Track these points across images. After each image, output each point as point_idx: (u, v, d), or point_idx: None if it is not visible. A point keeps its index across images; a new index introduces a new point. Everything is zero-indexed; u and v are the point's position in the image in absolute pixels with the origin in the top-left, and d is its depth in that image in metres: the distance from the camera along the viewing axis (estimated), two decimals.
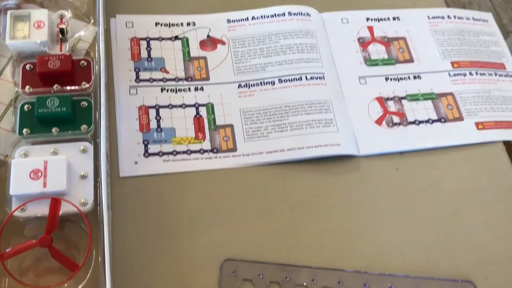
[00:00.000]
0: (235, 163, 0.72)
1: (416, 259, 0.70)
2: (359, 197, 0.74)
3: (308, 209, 0.71)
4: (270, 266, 0.66)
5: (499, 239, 0.74)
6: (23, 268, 0.59)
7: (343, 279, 0.67)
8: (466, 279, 0.69)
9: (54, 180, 0.59)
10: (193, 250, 0.66)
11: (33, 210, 0.58)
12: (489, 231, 0.74)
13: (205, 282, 0.64)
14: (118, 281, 0.61)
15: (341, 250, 0.69)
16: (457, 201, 0.76)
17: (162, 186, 0.69)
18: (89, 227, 0.57)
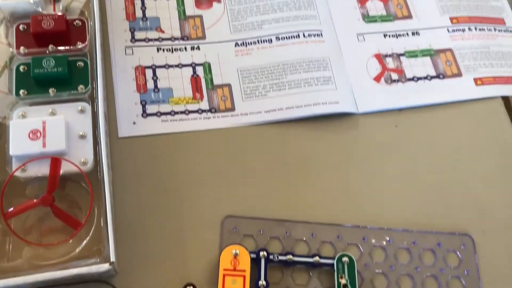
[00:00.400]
0: (233, 122, 0.72)
1: (414, 213, 0.71)
2: (358, 154, 0.74)
3: (307, 166, 0.72)
4: (270, 222, 0.67)
5: (497, 193, 0.75)
6: (27, 228, 0.60)
7: (342, 233, 0.68)
8: (463, 233, 0.71)
9: (53, 140, 0.59)
10: (194, 208, 0.66)
11: (34, 170, 0.58)
12: (486, 186, 0.75)
13: (207, 239, 0.65)
14: (121, 239, 0.62)
15: (340, 206, 0.70)
16: (455, 156, 0.76)
17: (161, 146, 0.69)
18: (90, 186, 0.58)
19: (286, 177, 0.71)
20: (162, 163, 0.68)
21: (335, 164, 0.73)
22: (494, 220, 0.72)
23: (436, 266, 0.68)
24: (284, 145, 0.73)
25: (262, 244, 0.65)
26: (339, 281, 0.62)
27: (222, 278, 0.60)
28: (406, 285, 0.66)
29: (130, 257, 0.62)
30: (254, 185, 0.69)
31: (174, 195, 0.67)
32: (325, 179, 0.72)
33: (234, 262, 0.61)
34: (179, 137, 0.70)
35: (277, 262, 0.64)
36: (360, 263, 0.66)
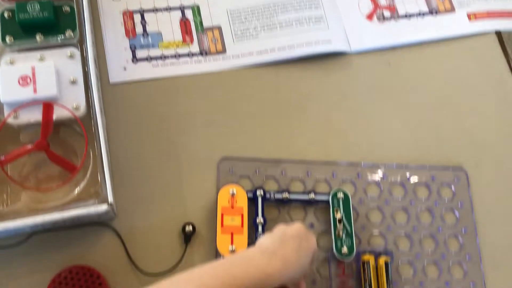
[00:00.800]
0: (225, 65, 0.71)
1: (408, 149, 0.72)
2: (352, 93, 0.74)
3: (301, 107, 0.72)
4: (265, 162, 0.67)
5: (490, 127, 0.75)
6: (24, 176, 0.60)
7: (337, 171, 0.68)
8: (457, 166, 0.71)
9: (44, 85, 0.58)
10: (189, 151, 0.67)
11: (26, 116, 0.58)
12: (480, 120, 0.75)
13: (204, 180, 0.65)
14: (118, 183, 0.62)
15: (334, 144, 0.70)
16: (449, 91, 0.76)
17: (153, 91, 0.69)
18: (83, 129, 0.58)
19: (280, 118, 0.71)
20: (155, 107, 0.68)
21: (329, 103, 0.73)
22: (487, 153, 0.73)
23: (430, 199, 0.69)
24: (277, 87, 0.72)
25: (258, 184, 0.66)
26: (334, 216, 0.63)
27: (220, 216, 0.61)
28: (400, 219, 0.67)
29: (128, 200, 0.63)
30: (249, 127, 0.69)
31: (169, 139, 0.67)
32: (319, 118, 0.72)
33: (232, 201, 0.62)
34: (171, 81, 0.69)
35: (273, 201, 0.64)
36: (355, 199, 0.67)
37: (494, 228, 0.69)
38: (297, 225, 0.54)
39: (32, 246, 0.58)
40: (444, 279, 0.65)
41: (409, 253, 0.66)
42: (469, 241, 0.67)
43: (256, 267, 0.47)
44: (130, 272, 0.59)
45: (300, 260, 0.51)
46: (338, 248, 0.62)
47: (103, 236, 0.60)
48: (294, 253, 0.50)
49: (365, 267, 0.62)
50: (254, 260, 0.48)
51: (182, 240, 0.61)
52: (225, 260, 0.49)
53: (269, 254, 0.49)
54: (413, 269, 0.65)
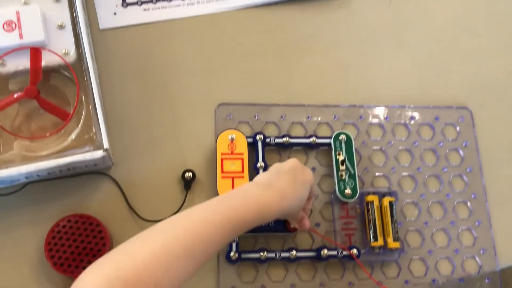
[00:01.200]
0: (219, 7, 0.68)
1: (411, 89, 0.69)
2: (352, 33, 0.71)
3: (300, 49, 0.69)
4: (264, 107, 0.65)
5: (494, 65, 0.73)
6: (16, 126, 0.58)
7: (339, 114, 0.66)
8: (462, 106, 0.70)
9: (30, 30, 0.56)
10: (185, 97, 0.64)
11: (14, 63, 0.56)
12: (484, 58, 0.73)
13: (201, 127, 0.63)
14: (113, 131, 0.60)
15: (335, 87, 0.68)
16: (451, 30, 0.73)
17: (146, 36, 0.66)
18: (74, 75, 0.55)
19: (279, 61, 0.68)
20: (148, 53, 0.65)
21: (329, 45, 0.70)
22: (492, 92, 0.71)
23: (434, 140, 0.67)
24: (274, 28, 0.69)
25: (258, 129, 0.64)
26: (336, 158, 0.62)
27: (220, 161, 0.59)
28: (404, 160, 0.66)
29: (126, 148, 0.61)
30: (246, 71, 0.67)
31: (164, 85, 0.64)
32: (319, 60, 0.69)
33: (231, 146, 0.60)
34: (163, 26, 0.67)
35: (274, 145, 0.63)
36: (358, 142, 0.65)
37: (499, 166, 0.68)
38: (291, 160, 0.53)
39: (29, 196, 0.57)
40: (450, 218, 0.64)
41: (414, 194, 0.64)
42: (474, 180, 0.66)
43: (255, 198, 0.46)
44: (130, 220, 0.58)
45: (297, 191, 0.50)
46: (341, 190, 0.61)
47: (101, 185, 0.59)
48: (290, 185, 0.49)
49: (369, 207, 0.61)
50: (252, 192, 0.47)
51: (182, 187, 0.60)
52: (224, 195, 0.48)
53: (265, 186, 0.48)
54: (417, 210, 0.64)
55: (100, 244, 0.55)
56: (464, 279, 0.63)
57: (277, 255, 0.58)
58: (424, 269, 0.62)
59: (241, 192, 0.47)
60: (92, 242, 0.54)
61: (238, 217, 0.44)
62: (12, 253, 0.55)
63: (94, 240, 0.55)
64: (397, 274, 0.61)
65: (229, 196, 0.47)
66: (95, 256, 0.54)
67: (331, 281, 0.59)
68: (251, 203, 0.46)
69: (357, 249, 0.59)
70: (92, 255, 0.54)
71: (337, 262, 0.60)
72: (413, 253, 0.62)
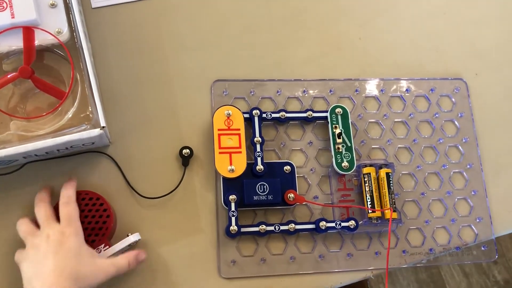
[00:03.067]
0: None
1: (406, 62, 0.69)
2: (345, 7, 0.71)
3: (295, 23, 0.69)
4: (260, 83, 0.65)
5: (488, 35, 0.73)
6: (12, 107, 0.58)
7: (334, 87, 0.67)
8: (456, 77, 0.70)
9: (22, 9, 0.55)
10: (180, 74, 0.64)
11: (7, 43, 0.55)
12: (478, 29, 0.73)
13: (197, 103, 0.63)
14: (110, 109, 0.60)
15: (330, 61, 0.68)
16: (445, 1, 0.73)
17: (139, 13, 0.65)
18: (68, 53, 0.55)
19: (273, 36, 0.68)
20: (142, 31, 0.65)
21: (323, 19, 0.70)
22: (486, 62, 0.71)
23: (430, 111, 0.68)
24: (268, 3, 0.69)
25: (254, 104, 0.64)
26: (333, 131, 0.62)
27: (217, 137, 0.59)
28: (400, 132, 0.66)
29: (122, 126, 0.61)
30: (241, 47, 0.67)
31: (158, 63, 0.64)
32: (314, 35, 0.69)
33: (228, 122, 0.61)
34: (156, 2, 0.66)
35: (270, 120, 0.63)
36: (354, 115, 0.66)
37: (494, 136, 0.68)
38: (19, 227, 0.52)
39: (28, 175, 0.57)
40: (446, 188, 0.65)
41: (410, 165, 0.65)
42: (469, 150, 0.67)
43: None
44: (129, 197, 0.59)
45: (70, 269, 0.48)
46: (338, 163, 0.61)
47: (99, 164, 0.59)
48: (54, 269, 0.47)
49: (366, 179, 0.61)
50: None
51: (180, 163, 0.60)
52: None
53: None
54: (414, 180, 0.65)
55: (104, 216, 0.55)
56: (461, 247, 0.64)
57: (276, 228, 0.58)
58: (422, 239, 0.63)
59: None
60: (96, 215, 0.55)
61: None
62: (12, 233, 0.55)
63: (97, 214, 0.55)
64: (395, 244, 0.62)
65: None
66: (101, 228, 0.55)
67: (330, 252, 0.60)
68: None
69: (355, 221, 0.60)
70: (98, 228, 0.54)
71: (335, 234, 0.61)
72: (411, 223, 0.63)
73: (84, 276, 0.49)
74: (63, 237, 0.50)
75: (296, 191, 0.60)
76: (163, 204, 0.59)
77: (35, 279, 0.48)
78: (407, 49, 0.70)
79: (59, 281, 0.47)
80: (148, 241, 0.58)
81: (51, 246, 0.49)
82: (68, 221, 0.51)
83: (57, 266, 0.48)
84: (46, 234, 0.50)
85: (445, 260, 0.63)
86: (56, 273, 0.47)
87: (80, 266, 0.49)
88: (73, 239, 0.50)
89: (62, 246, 0.49)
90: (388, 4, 0.72)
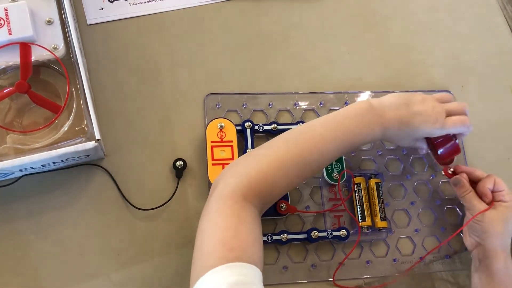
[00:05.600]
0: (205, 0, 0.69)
1: (395, 75, 0.71)
2: (335, 22, 0.73)
3: (284, 38, 0.71)
4: (252, 96, 0.67)
5: (473, 49, 0.75)
6: (8, 121, 0.59)
7: (324, 100, 0.68)
8: (443, 89, 0.72)
9: (19, 25, 0.57)
10: (174, 89, 0.66)
11: (4, 59, 0.57)
12: (463, 42, 0.75)
13: (190, 117, 0.65)
14: (105, 123, 0.62)
15: (320, 74, 0.70)
16: (432, 15, 0.75)
17: (133, 30, 0.67)
18: (64, 68, 0.56)
19: (264, 51, 0.70)
20: (136, 46, 0.66)
21: (312, 34, 0.72)
22: (472, 74, 0.73)
23: None
24: (259, 18, 0.71)
25: (246, 117, 0.66)
26: None
27: (210, 149, 0.61)
28: (390, 143, 0.68)
29: (117, 140, 0.62)
30: (233, 62, 0.68)
31: (153, 77, 0.66)
32: (304, 49, 0.71)
33: (221, 134, 0.62)
34: (150, 19, 0.68)
35: (262, 132, 0.64)
36: None
37: (481, 147, 0.70)
38: (430, 102, 0.58)
39: (23, 188, 0.58)
40: (435, 197, 0.66)
41: (400, 175, 0.66)
42: (457, 161, 0.68)
43: (366, 124, 0.54)
44: (124, 209, 0.59)
45: (404, 127, 0.56)
46: (329, 174, 0.62)
47: (94, 176, 0.60)
48: (397, 124, 0.55)
49: (356, 189, 0.62)
50: (367, 118, 0.54)
51: (174, 175, 0.62)
52: (343, 112, 0.55)
53: (378, 114, 0.55)
54: (403, 190, 0.66)
55: None
56: (451, 256, 0.65)
57: (269, 238, 0.59)
58: (412, 247, 0.64)
59: (358, 114, 0.55)
60: None
61: (347, 137, 0.54)
62: (8, 245, 0.56)
63: None
64: (385, 253, 0.63)
65: (345, 114, 0.55)
66: None
67: (322, 261, 0.61)
68: (362, 126, 0.54)
69: (346, 230, 0.61)
70: None
71: (327, 243, 0.62)
72: (401, 232, 0.64)
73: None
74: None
75: (288, 201, 0.61)
76: (157, 215, 0.60)
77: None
78: (395, 62, 0.72)
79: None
80: (142, 252, 0.58)
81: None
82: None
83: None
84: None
85: (437, 268, 0.64)
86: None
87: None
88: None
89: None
90: (376, 19, 0.74)
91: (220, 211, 0.47)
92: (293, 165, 0.51)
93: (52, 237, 0.57)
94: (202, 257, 0.45)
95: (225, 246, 0.44)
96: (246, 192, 0.48)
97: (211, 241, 0.45)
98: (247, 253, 0.44)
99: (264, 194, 0.49)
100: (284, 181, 0.51)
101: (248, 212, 0.47)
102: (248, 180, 0.49)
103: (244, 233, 0.45)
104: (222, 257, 0.42)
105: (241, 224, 0.46)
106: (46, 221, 0.58)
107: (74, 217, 0.58)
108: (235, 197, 0.47)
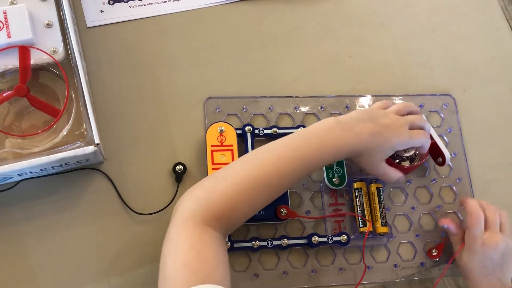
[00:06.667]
0: (205, 2, 0.69)
1: (396, 79, 0.71)
2: (336, 25, 0.72)
3: (286, 41, 0.70)
4: (253, 100, 0.67)
5: (476, 52, 0.74)
6: (7, 125, 0.58)
7: (325, 104, 0.68)
8: (445, 93, 0.71)
9: (18, 29, 0.56)
10: (174, 92, 0.65)
11: (3, 63, 0.56)
12: (465, 45, 0.74)
13: (191, 121, 0.64)
14: (104, 127, 0.61)
15: (321, 78, 0.70)
16: (433, 18, 0.75)
17: (133, 32, 0.67)
18: (63, 72, 0.56)
19: (265, 54, 0.69)
20: (136, 49, 0.66)
21: (314, 37, 0.71)
22: (474, 78, 0.73)
23: None
24: (259, 21, 0.70)
25: (247, 121, 0.65)
26: None
27: (210, 154, 0.60)
28: None
29: (116, 144, 0.62)
30: (233, 65, 0.68)
31: (152, 81, 0.65)
32: (304, 52, 0.70)
33: (221, 138, 0.61)
34: (150, 21, 0.67)
35: (263, 136, 0.64)
36: None
37: (482, 151, 0.69)
38: (393, 115, 0.57)
39: (22, 193, 0.58)
40: (436, 202, 0.66)
41: None
42: (458, 165, 0.68)
43: (333, 140, 0.53)
44: (123, 214, 0.59)
45: (376, 142, 0.54)
46: (329, 178, 0.62)
47: (93, 180, 0.60)
48: (369, 137, 0.54)
49: (357, 194, 0.62)
50: (332, 135, 0.53)
51: (174, 179, 0.61)
52: (307, 131, 0.54)
53: (345, 129, 0.53)
54: (404, 195, 0.66)
55: None
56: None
57: (269, 243, 0.59)
58: (413, 252, 0.64)
59: (323, 131, 0.53)
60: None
61: (311, 156, 0.52)
62: (7, 249, 0.55)
63: None
64: (386, 258, 0.63)
65: (310, 133, 0.54)
66: None
67: (322, 267, 0.61)
68: (328, 143, 0.52)
69: (346, 235, 0.60)
70: None
71: (327, 248, 0.62)
72: (402, 237, 0.64)
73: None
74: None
75: (288, 206, 0.60)
76: (157, 220, 0.60)
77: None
78: (396, 66, 0.72)
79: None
80: (142, 257, 0.58)
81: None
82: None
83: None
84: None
85: (438, 273, 0.64)
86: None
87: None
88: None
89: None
90: (377, 22, 0.73)
91: (181, 234, 0.47)
92: (253, 188, 0.50)
93: (51, 241, 0.57)
94: (166, 281, 0.45)
95: (189, 269, 0.43)
96: (207, 216, 0.47)
97: (174, 265, 0.45)
98: (211, 274, 0.44)
99: (225, 218, 0.49)
100: (246, 204, 0.50)
101: (210, 235, 0.47)
102: (207, 204, 0.48)
103: (207, 254, 0.45)
104: (185, 280, 0.42)
105: (203, 246, 0.45)
106: (45, 225, 0.57)
107: (73, 222, 0.58)
108: (195, 220, 0.47)
